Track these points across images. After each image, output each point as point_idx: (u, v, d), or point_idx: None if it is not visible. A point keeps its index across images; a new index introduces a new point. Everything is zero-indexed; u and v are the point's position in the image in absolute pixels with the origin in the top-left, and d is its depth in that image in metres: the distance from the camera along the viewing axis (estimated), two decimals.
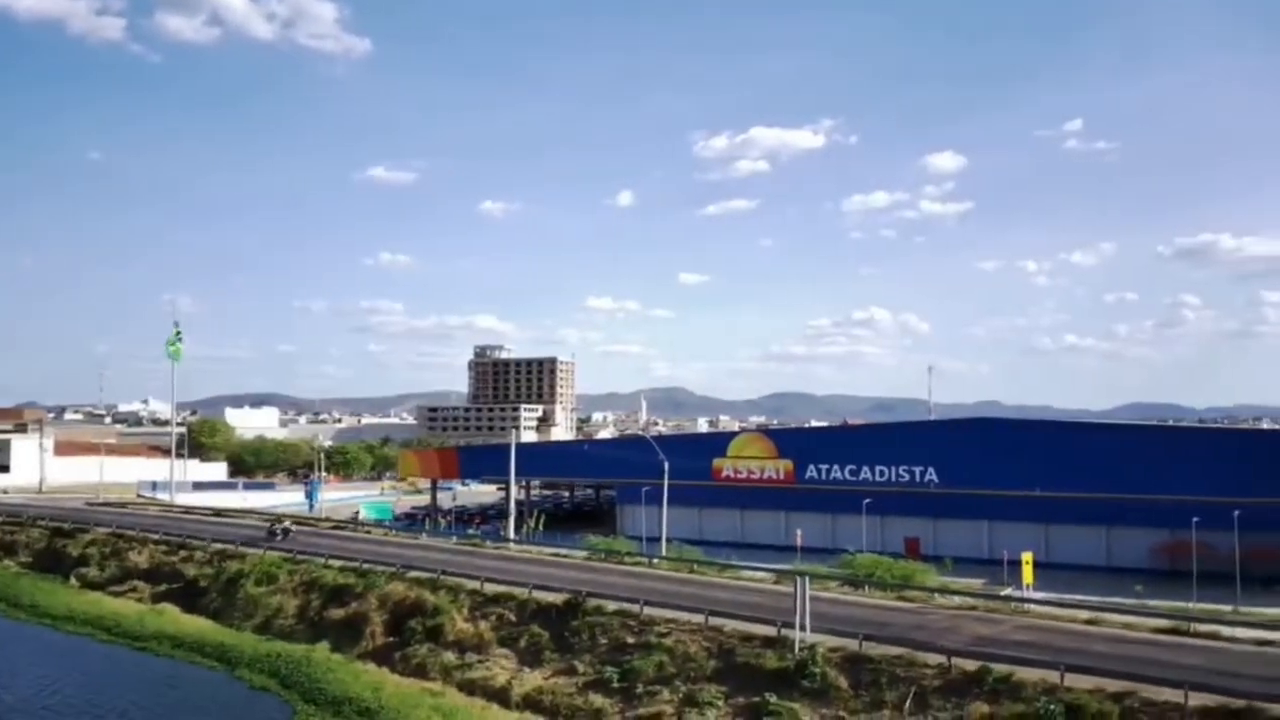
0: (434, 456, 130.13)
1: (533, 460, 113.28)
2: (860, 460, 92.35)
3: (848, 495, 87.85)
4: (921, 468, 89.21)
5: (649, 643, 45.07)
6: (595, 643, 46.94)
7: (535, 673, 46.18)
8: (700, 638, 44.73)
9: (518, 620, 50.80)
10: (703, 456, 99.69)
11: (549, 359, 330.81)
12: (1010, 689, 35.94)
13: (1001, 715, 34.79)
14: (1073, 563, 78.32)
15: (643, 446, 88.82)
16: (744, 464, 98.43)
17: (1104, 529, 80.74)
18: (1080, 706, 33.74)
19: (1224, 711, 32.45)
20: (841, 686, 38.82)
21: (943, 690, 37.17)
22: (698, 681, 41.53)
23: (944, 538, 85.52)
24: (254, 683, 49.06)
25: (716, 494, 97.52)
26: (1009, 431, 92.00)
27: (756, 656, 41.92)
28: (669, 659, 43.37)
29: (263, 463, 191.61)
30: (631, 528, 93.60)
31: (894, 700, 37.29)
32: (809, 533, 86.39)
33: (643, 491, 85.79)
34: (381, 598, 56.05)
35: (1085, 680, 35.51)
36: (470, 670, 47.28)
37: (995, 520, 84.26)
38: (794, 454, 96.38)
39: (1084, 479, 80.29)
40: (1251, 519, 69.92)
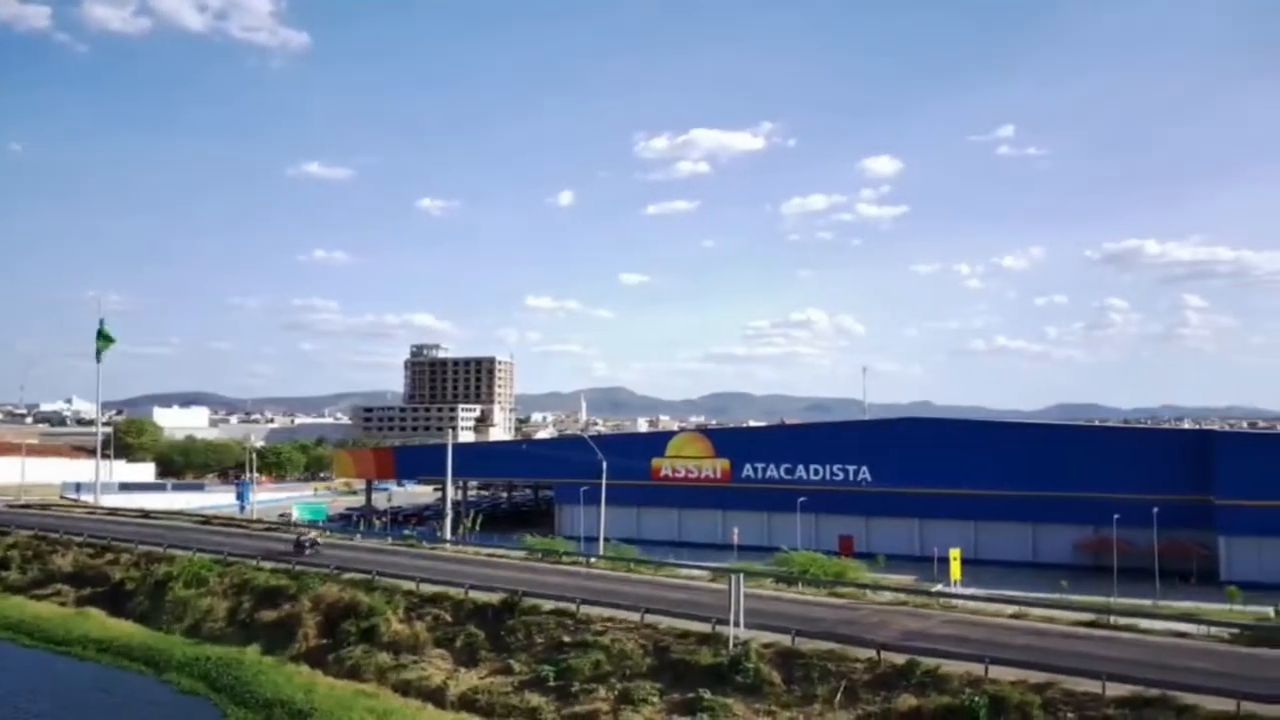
0: (369, 457, 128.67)
1: (470, 460, 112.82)
2: (796, 459, 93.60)
3: (784, 494, 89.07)
4: (855, 467, 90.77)
5: (585, 641, 45.26)
6: (532, 642, 47.01)
7: (471, 672, 46.08)
8: (636, 635, 45.05)
9: (454, 620, 50.62)
10: (642, 456, 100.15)
11: (487, 358, 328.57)
12: (937, 682, 36.88)
13: (928, 707, 35.67)
14: (1001, 559, 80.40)
15: (581, 446, 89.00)
16: (682, 464, 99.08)
17: (1030, 526, 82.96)
18: (1003, 698, 34.75)
19: (1139, 701, 33.66)
20: (774, 681, 39.43)
21: (872, 684, 37.99)
22: (633, 679, 41.81)
23: (877, 535, 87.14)
24: (183, 686, 48.25)
25: (655, 493, 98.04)
26: (940, 431, 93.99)
27: (691, 653, 42.37)
28: (605, 657, 43.59)
29: (192, 463, 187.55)
30: (570, 527, 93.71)
31: (825, 694, 38.01)
32: (746, 531, 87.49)
33: (581, 491, 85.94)
34: (315, 599, 55.39)
35: (1009, 672, 36.59)
36: (405, 671, 47.00)
37: (926, 518, 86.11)
38: (731, 453, 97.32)
39: (1012, 478, 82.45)
40: (1169, 516, 72.59)
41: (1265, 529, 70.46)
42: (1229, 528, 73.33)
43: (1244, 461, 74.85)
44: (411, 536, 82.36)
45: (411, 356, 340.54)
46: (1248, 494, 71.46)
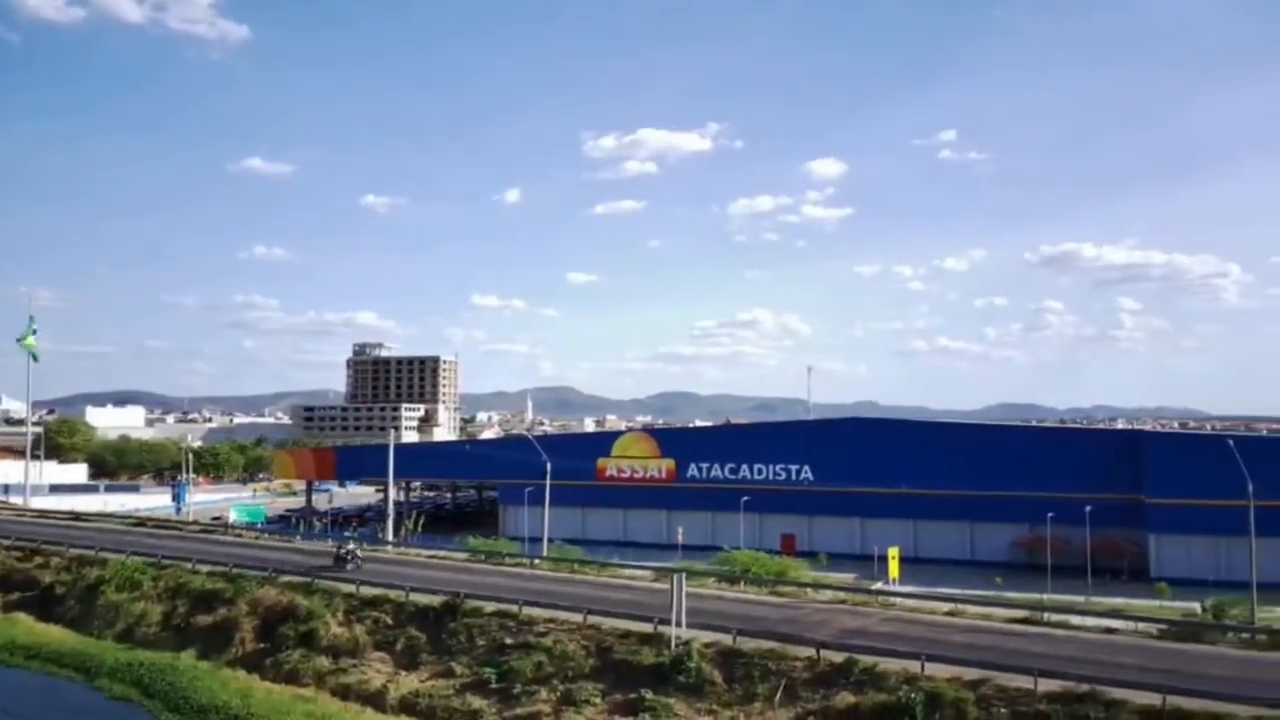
0: (310, 457, 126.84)
1: (413, 461, 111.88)
2: (740, 459, 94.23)
3: (728, 493, 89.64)
4: (798, 466, 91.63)
5: (528, 643, 45.14)
6: (473, 644, 46.76)
7: (412, 675, 45.71)
8: (579, 636, 45.04)
9: (395, 623, 50.12)
10: (587, 456, 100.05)
11: (431, 357, 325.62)
12: (874, 679, 37.40)
13: (866, 705, 36.17)
14: (939, 557, 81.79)
15: (526, 447, 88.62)
16: (628, 464, 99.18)
17: (968, 525, 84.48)
18: (939, 694, 35.38)
19: (1070, 696, 34.47)
20: (716, 681, 39.69)
21: (812, 682, 38.41)
22: (576, 680, 41.82)
23: (819, 534, 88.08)
24: (114, 693, 47.18)
25: (600, 494, 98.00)
26: (880, 431, 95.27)
27: (634, 653, 42.48)
28: (548, 658, 43.53)
29: (127, 464, 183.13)
30: (514, 528, 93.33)
31: (765, 693, 38.36)
32: (690, 531, 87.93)
33: (525, 492, 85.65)
34: (252, 603, 54.47)
35: (944, 669, 37.24)
36: (345, 675, 46.45)
37: (867, 517, 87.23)
38: (677, 453, 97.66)
39: (950, 477, 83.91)
40: (1102, 514, 74.41)
41: (1193, 527, 72.53)
42: (1159, 526, 75.40)
43: (1173, 461, 76.95)
44: (352, 538, 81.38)
45: (354, 355, 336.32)
46: (1176, 493, 73.49)
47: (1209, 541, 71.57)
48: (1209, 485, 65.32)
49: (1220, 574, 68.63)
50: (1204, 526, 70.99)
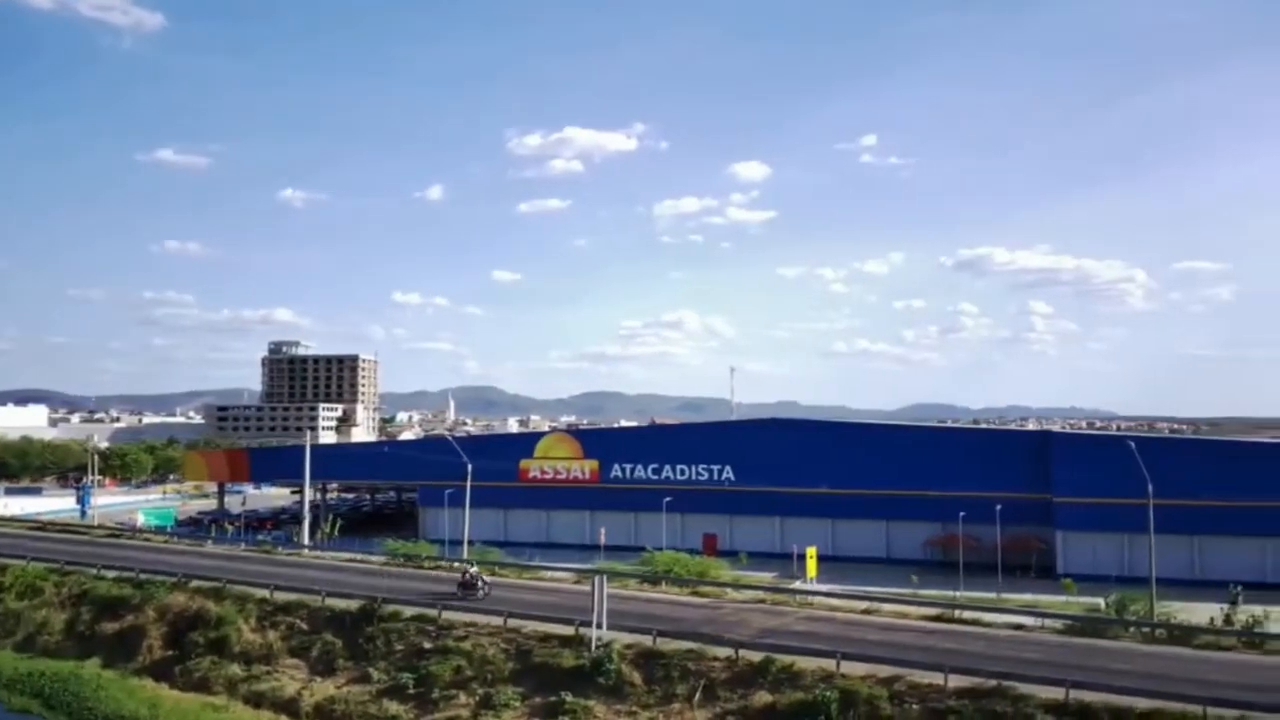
0: (222, 458, 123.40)
1: (330, 462, 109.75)
2: (663, 459, 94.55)
3: (650, 494, 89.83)
4: (720, 466, 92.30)
5: (446, 647, 44.78)
6: (391, 649, 46.19)
7: (328, 682, 45.00)
8: (499, 640, 44.83)
9: (310, 629, 49.24)
10: (510, 457, 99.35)
11: (350, 356, 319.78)
12: (791, 678, 37.99)
13: (782, 704, 36.70)
14: (857, 555, 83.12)
15: (447, 448, 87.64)
16: (551, 465, 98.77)
17: (884, 523, 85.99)
18: (854, 692, 36.07)
19: (979, 691, 35.49)
20: (635, 682, 39.86)
21: (730, 682, 38.84)
22: (495, 683, 41.64)
23: (740, 533, 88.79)
24: (13, 704, 45.54)
25: (523, 495, 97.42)
26: (801, 431, 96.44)
27: (554, 656, 42.42)
28: (467, 662, 43.27)
29: (29, 466, 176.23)
30: (434, 531, 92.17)
31: (684, 693, 38.66)
32: (613, 531, 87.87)
33: (446, 494, 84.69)
34: (161, 609, 52.95)
35: (859, 667, 37.99)
36: (258, 682, 45.51)
37: (787, 516, 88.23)
38: (600, 454, 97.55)
39: (868, 476, 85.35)
40: (1012, 513, 76.43)
41: (1098, 525, 74.92)
42: (1065, 523, 77.74)
43: (1079, 461, 79.37)
44: (266, 542, 79.64)
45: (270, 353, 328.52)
46: (1082, 492, 75.87)
47: (1113, 539, 74.03)
48: (1113, 484, 67.44)
49: (1124, 570, 71.07)
50: (1108, 524, 73.35)
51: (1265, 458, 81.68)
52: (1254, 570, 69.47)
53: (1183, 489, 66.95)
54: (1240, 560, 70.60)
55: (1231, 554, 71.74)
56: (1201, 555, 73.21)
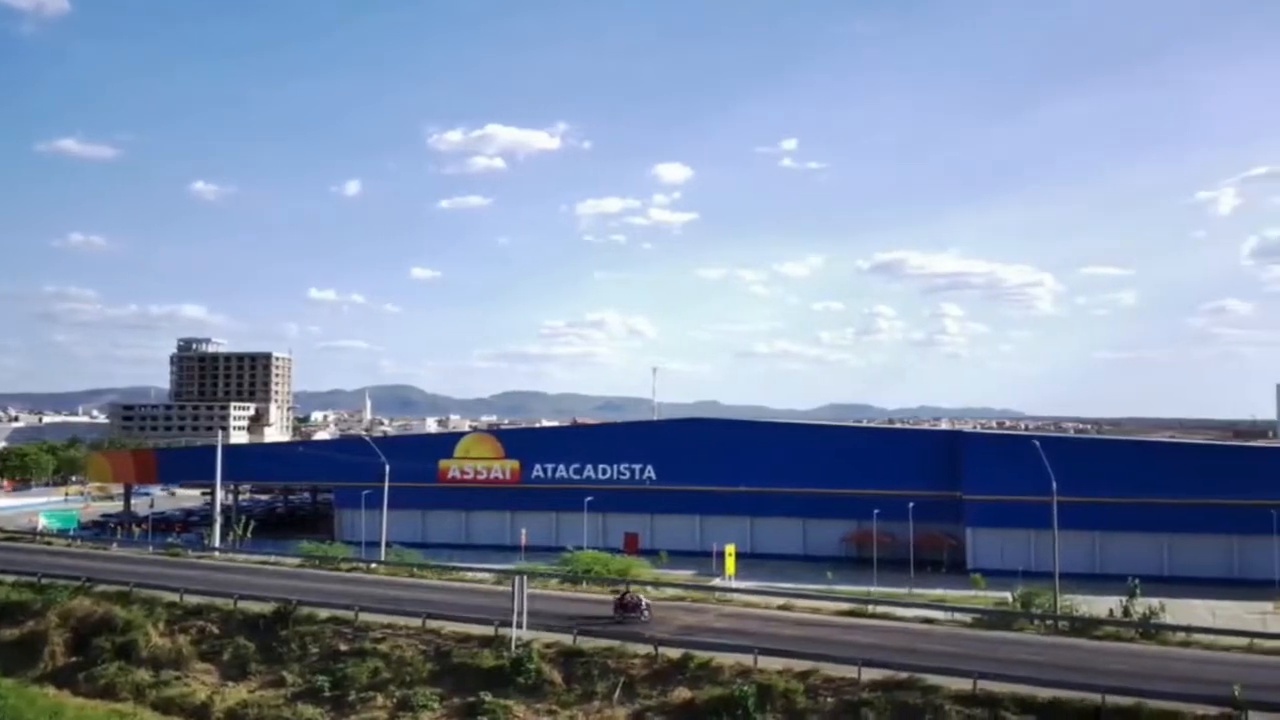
0: (128, 459, 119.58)
1: (243, 463, 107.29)
2: (585, 459, 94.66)
3: (572, 493, 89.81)
4: (641, 466, 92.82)
5: (364, 649, 44.26)
6: (306, 652, 45.45)
7: (240, 686, 44.08)
8: (418, 641, 44.46)
9: (221, 632, 48.15)
10: (428, 458, 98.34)
11: (263, 354, 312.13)
12: (710, 674, 38.52)
13: (701, 699, 37.19)
14: (775, 552, 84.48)
15: (363, 448, 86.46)
16: (471, 465, 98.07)
17: (801, 521, 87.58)
18: (770, 686, 36.76)
19: (891, 684, 36.48)
20: (555, 681, 39.96)
21: (649, 679, 39.20)
22: (413, 685, 41.31)
23: (661, 532, 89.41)
24: None
25: (442, 495, 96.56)
26: (720, 431, 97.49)
27: (473, 657, 42.26)
28: (384, 664, 42.84)
29: None
30: (350, 532, 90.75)
31: (604, 691, 38.90)
32: (534, 532, 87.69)
33: (363, 495, 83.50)
34: (64, 614, 51.18)
35: (776, 662, 38.70)
36: (167, 688, 44.36)
37: (707, 514, 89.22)
38: (521, 454, 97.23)
39: (786, 475, 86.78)
40: (924, 510, 78.53)
41: (1006, 521, 77.38)
42: (975, 520, 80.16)
43: (987, 460, 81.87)
44: (176, 545, 77.52)
45: (179, 351, 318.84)
46: (990, 489, 78.28)
47: (1020, 534, 76.49)
48: (1020, 483, 69.66)
49: (1030, 565, 73.34)
50: (1015, 521, 75.80)
51: (1161, 457, 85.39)
52: (1151, 564, 72.66)
53: (1085, 487, 69.66)
54: (1138, 555, 73.78)
55: (1130, 549, 74.93)
56: (1102, 550, 76.26)
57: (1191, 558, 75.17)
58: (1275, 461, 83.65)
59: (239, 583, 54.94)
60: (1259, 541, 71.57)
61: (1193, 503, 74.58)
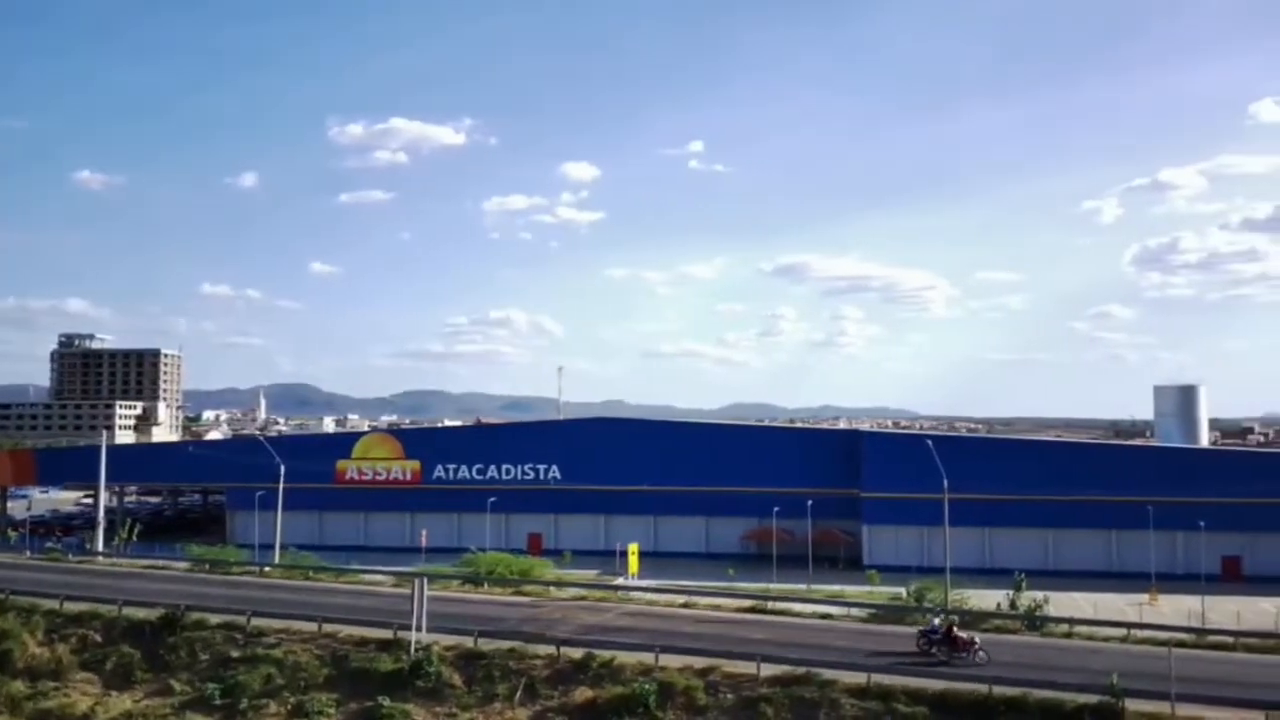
0: (4, 459, 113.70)
1: (129, 463, 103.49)
2: (488, 459, 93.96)
3: (475, 494, 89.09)
4: (546, 466, 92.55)
5: (256, 655, 43.06)
6: (195, 659, 44.02)
7: (124, 696, 42.42)
8: (313, 646, 43.46)
9: (105, 640, 46.28)
10: (325, 458, 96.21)
11: (151, 350, 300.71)
12: (612, 673, 38.61)
13: (603, 698, 37.25)
14: (678, 550, 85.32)
15: (257, 448, 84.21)
16: (370, 465, 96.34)
17: (704, 519, 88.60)
18: (671, 684, 37.04)
19: (789, 679, 37.13)
20: (456, 684, 39.54)
21: (551, 679, 39.10)
22: (308, 691, 40.36)
23: (565, 532, 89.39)
24: None
25: (339, 497, 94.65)
26: (626, 430, 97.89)
27: (371, 661, 41.51)
28: (278, 670, 41.73)
29: None
30: (243, 535, 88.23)
31: (505, 692, 38.66)
32: (435, 533, 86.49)
33: (257, 496, 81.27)
34: None
35: (677, 659, 39.03)
36: (45, 699, 42.41)
37: (612, 514, 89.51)
38: (422, 454, 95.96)
39: (689, 474, 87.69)
40: (823, 507, 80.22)
41: (900, 518, 79.61)
42: (871, 517, 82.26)
43: (884, 458, 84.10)
44: (56, 549, 74.17)
45: (60, 347, 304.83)
46: (886, 487, 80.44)
47: (914, 531, 78.73)
48: (913, 480, 71.68)
49: (923, 560, 75.71)
50: (909, 518, 77.99)
51: (1047, 455, 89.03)
52: (1037, 558, 75.71)
53: (976, 484, 72.13)
54: (1025, 549, 76.76)
55: (1017, 544, 77.89)
56: (991, 545, 79.08)
57: (1074, 552, 78.63)
58: (1150, 460, 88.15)
59: (124, 588, 52.87)
60: (1136, 536, 75.10)
61: (1075, 499, 78.01)
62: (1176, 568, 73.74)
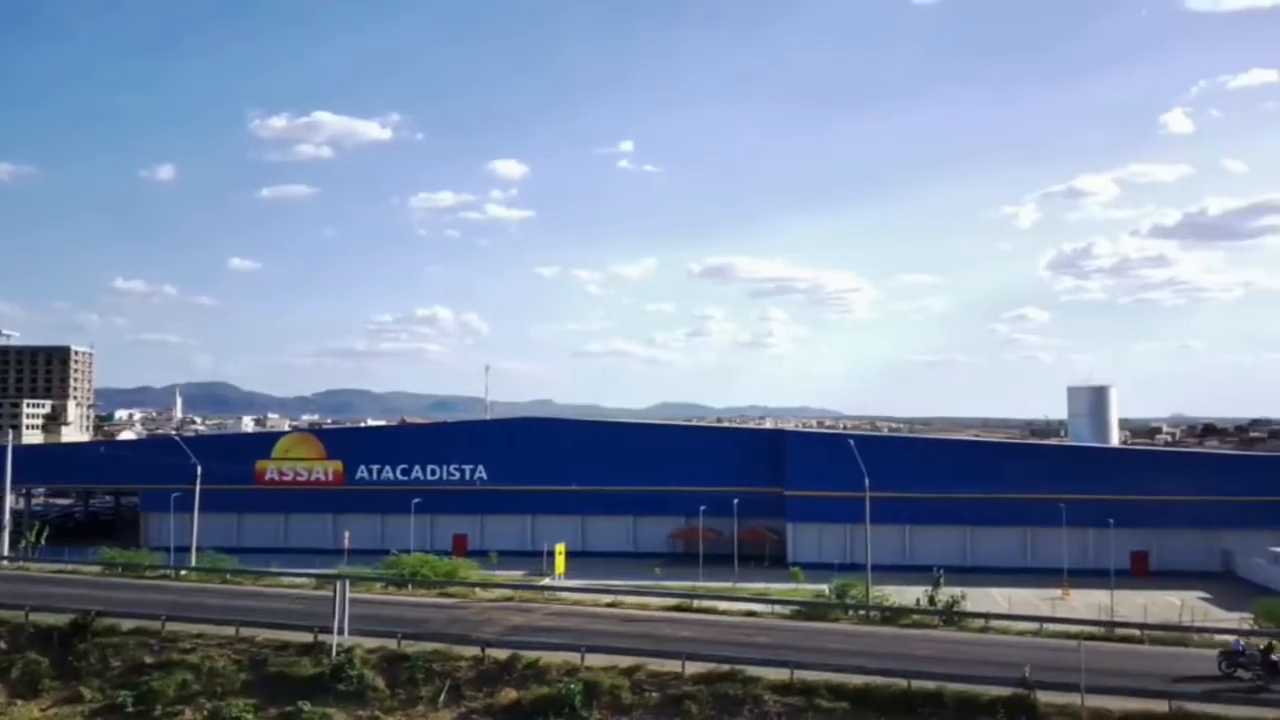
0: None
1: (36, 464, 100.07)
2: (413, 460, 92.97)
3: (399, 495, 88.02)
4: (472, 466, 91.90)
5: (171, 660, 41.96)
6: (107, 666, 42.69)
7: (31, 705, 41.01)
8: (230, 650, 42.51)
9: (10, 648, 44.64)
10: (244, 458, 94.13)
11: (61, 347, 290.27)
12: (537, 673, 38.53)
13: (528, 699, 37.16)
14: (605, 550, 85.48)
15: (173, 448, 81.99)
16: (290, 466, 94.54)
17: (631, 518, 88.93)
18: (597, 683, 37.11)
19: (714, 676, 37.47)
20: (379, 686, 39.06)
21: (476, 680, 38.86)
22: (226, 696, 39.47)
23: (491, 533, 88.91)
24: None
25: (259, 498, 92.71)
26: (553, 430, 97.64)
27: (291, 665, 40.74)
28: (194, 676, 40.72)
29: None
30: (158, 538, 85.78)
31: (429, 694, 38.32)
32: (358, 535, 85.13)
33: (172, 498, 79.14)
34: None
35: (603, 659, 39.13)
36: None
37: (539, 514, 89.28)
38: (345, 455, 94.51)
39: (617, 473, 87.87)
40: (749, 506, 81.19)
41: (824, 516, 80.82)
42: (796, 515, 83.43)
43: (807, 457, 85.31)
44: None
45: None
46: (810, 485, 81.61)
47: (837, 529, 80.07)
48: (836, 479, 72.78)
49: (845, 557, 77.14)
50: (832, 515, 79.15)
51: (964, 454, 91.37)
52: (955, 555, 77.65)
53: (896, 483, 73.70)
54: (943, 546, 78.66)
55: (936, 541, 79.76)
56: (911, 542, 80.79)
57: (990, 548, 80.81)
58: (1064, 459, 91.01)
59: (31, 593, 50.96)
60: (1049, 532, 77.44)
61: (992, 497, 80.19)
62: (1088, 563, 76.16)
